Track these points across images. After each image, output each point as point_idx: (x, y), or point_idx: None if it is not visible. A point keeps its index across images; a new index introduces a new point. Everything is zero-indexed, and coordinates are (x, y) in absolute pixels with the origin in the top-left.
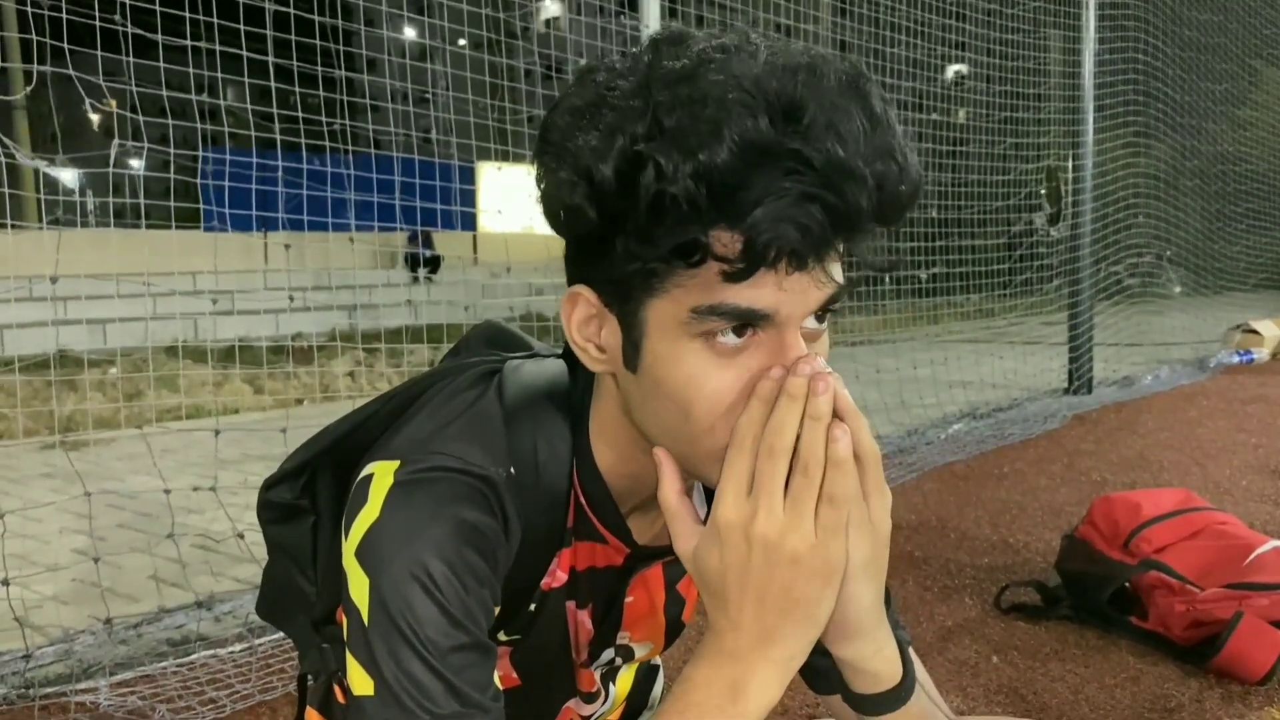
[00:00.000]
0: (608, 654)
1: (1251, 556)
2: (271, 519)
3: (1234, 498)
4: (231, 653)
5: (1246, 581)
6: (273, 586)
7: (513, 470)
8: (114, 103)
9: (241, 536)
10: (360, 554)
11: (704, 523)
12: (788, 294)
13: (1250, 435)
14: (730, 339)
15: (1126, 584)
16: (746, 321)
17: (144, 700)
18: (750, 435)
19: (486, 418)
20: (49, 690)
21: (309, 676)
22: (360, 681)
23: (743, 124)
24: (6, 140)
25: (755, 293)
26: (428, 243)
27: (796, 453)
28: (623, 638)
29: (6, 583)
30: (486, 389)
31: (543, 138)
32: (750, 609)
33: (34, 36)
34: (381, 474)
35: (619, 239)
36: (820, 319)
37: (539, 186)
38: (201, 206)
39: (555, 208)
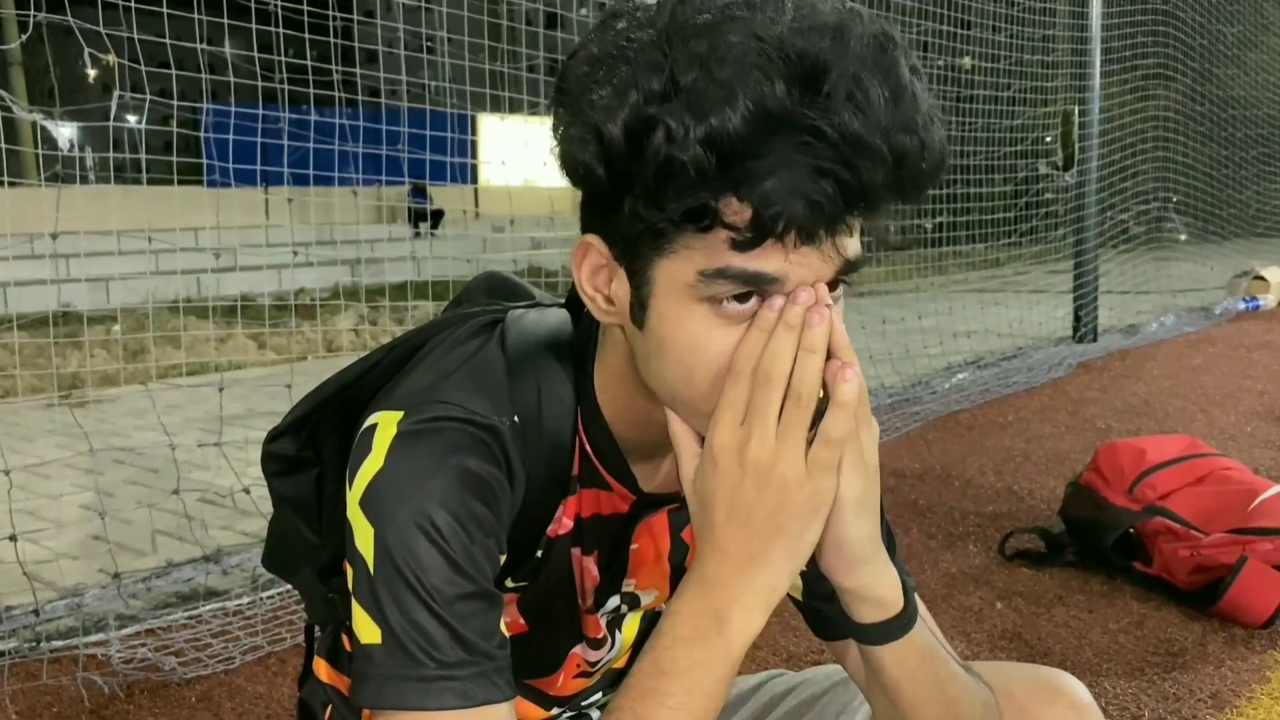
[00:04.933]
0: (613, 601)
1: (1256, 502)
2: (276, 471)
3: (1239, 444)
4: (239, 605)
5: (1250, 527)
6: (278, 538)
7: (516, 419)
8: (112, 56)
9: (247, 491)
10: (365, 504)
11: None
12: (795, 265)
13: (1255, 382)
14: (734, 306)
15: (1131, 530)
16: (753, 285)
17: (153, 653)
18: (748, 364)
19: (489, 367)
20: (59, 644)
21: (316, 626)
22: (367, 630)
23: (759, 89)
24: (4, 94)
25: (762, 260)
26: (425, 195)
27: (790, 382)
28: (628, 585)
29: (15, 538)
30: (489, 338)
31: (559, 86)
32: (736, 532)
33: None
34: (385, 424)
35: (627, 199)
36: (832, 287)
37: (554, 136)
38: (205, 161)
39: (567, 163)
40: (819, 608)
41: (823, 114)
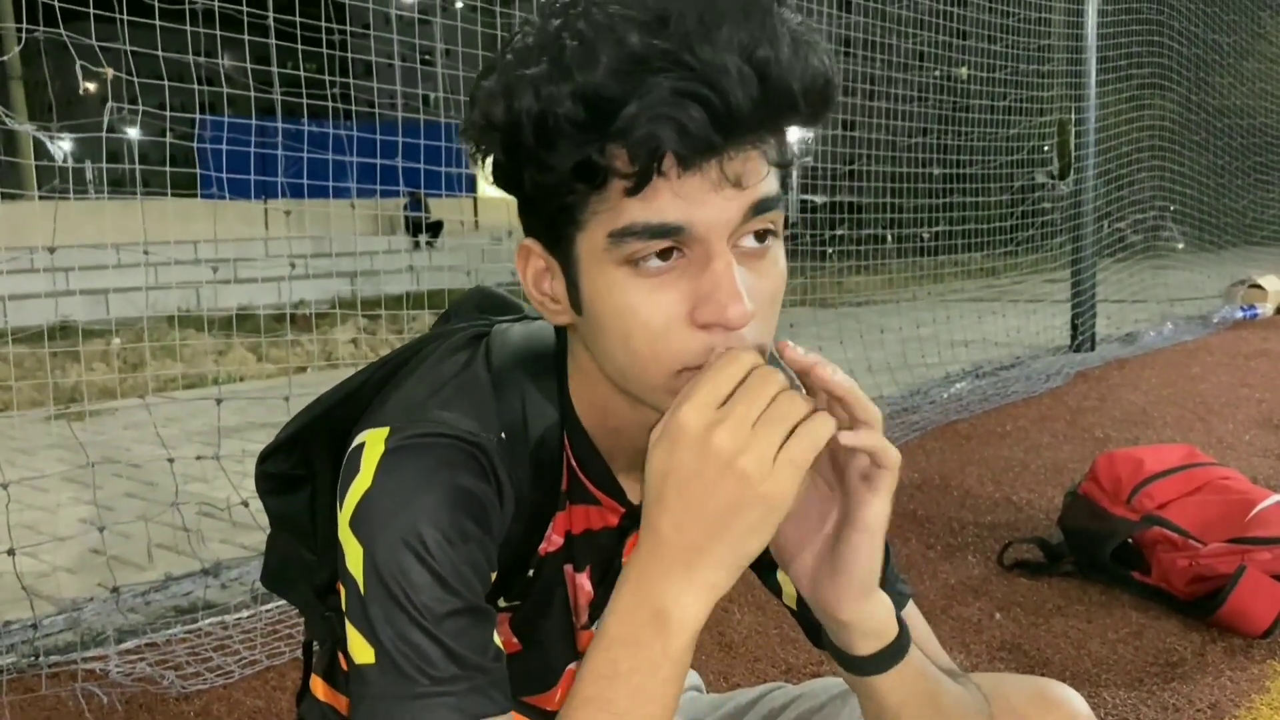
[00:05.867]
0: None
1: (1254, 511)
2: (269, 490)
3: (1237, 453)
4: (238, 619)
5: (1249, 536)
6: (276, 556)
7: (503, 435)
8: (110, 71)
9: (246, 504)
10: (354, 524)
11: None
12: (690, 202)
13: (1253, 390)
14: (655, 262)
15: (1129, 540)
16: (661, 238)
17: (152, 667)
18: (746, 362)
19: (474, 383)
20: (57, 658)
21: (313, 644)
22: (361, 651)
23: (618, 42)
24: (1, 108)
25: (657, 205)
26: (423, 206)
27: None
28: None
29: (13, 552)
30: (474, 353)
31: (470, 101)
32: (683, 517)
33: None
34: (373, 442)
35: (525, 174)
36: (760, 238)
37: (472, 154)
38: (199, 172)
39: (482, 160)
40: (814, 619)
41: (676, 44)
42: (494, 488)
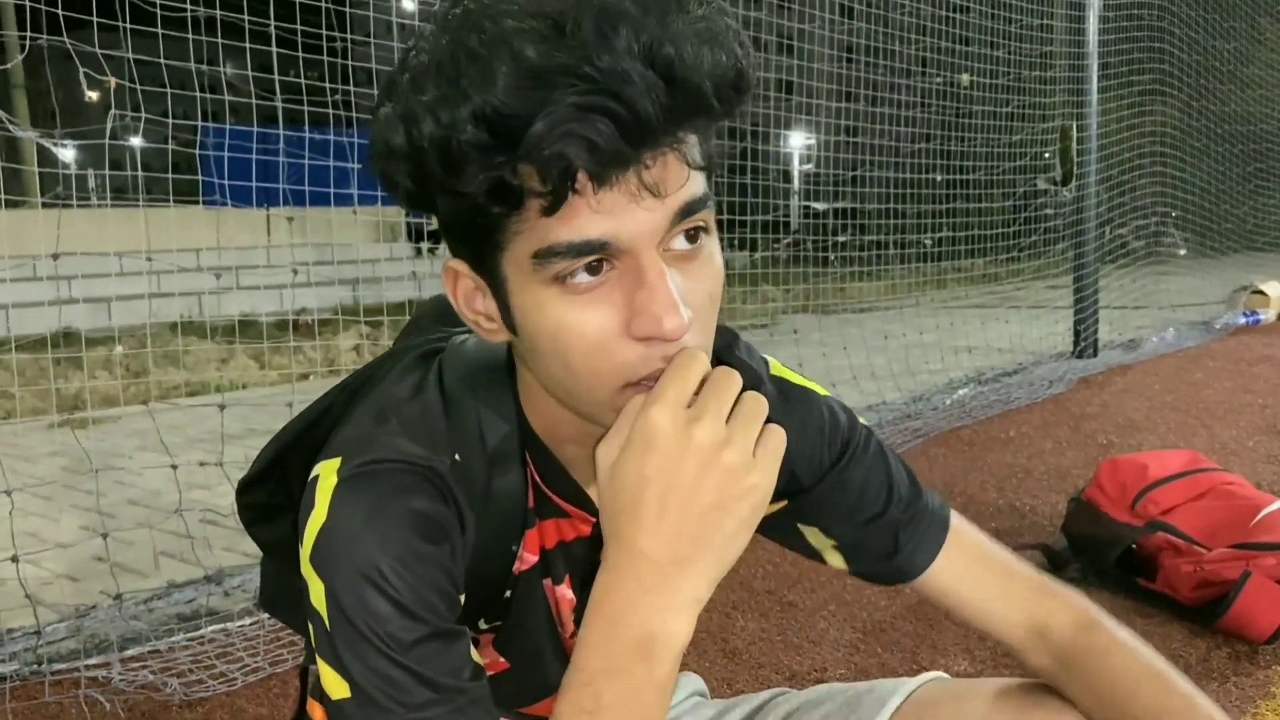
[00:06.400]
0: None
1: (1259, 516)
2: (251, 519)
3: (1241, 458)
4: (241, 626)
5: (1254, 541)
6: (270, 580)
7: (457, 457)
8: (113, 79)
9: None
10: (314, 560)
11: None
12: (611, 216)
13: (1257, 396)
14: (584, 278)
15: (1134, 546)
16: (586, 255)
17: (155, 675)
18: (706, 362)
19: (425, 405)
20: (60, 666)
21: (310, 668)
22: (335, 686)
23: (514, 55)
24: (4, 115)
25: (577, 223)
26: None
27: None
28: None
29: (16, 559)
30: (427, 373)
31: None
32: (669, 528)
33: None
34: (325, 474)
35: (438, 200)
36: (692, 239)
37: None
38: (202, 180)
39: (388, 186)
40: (878, 570)
41: (575, 55)
42: (453, 510)
